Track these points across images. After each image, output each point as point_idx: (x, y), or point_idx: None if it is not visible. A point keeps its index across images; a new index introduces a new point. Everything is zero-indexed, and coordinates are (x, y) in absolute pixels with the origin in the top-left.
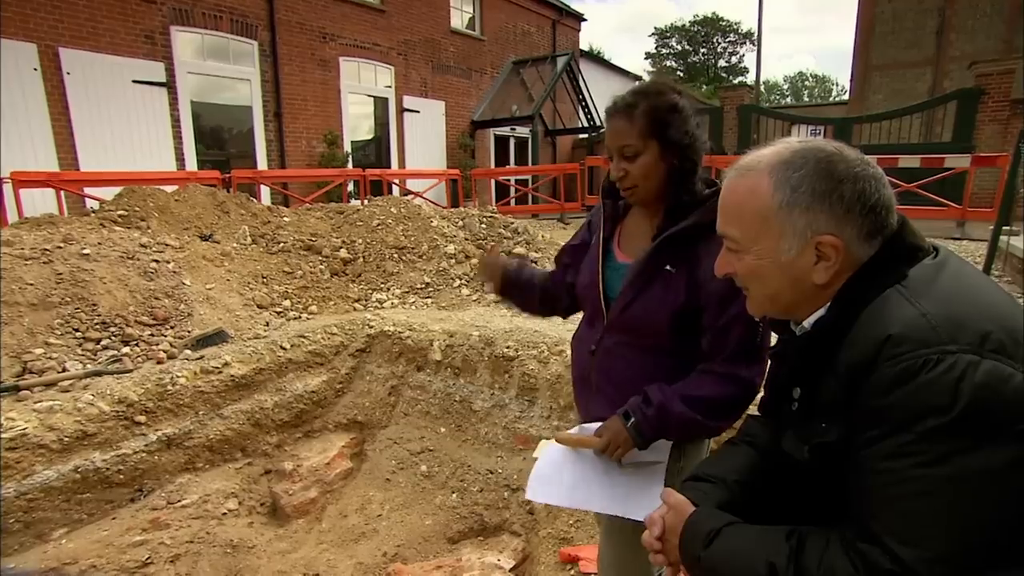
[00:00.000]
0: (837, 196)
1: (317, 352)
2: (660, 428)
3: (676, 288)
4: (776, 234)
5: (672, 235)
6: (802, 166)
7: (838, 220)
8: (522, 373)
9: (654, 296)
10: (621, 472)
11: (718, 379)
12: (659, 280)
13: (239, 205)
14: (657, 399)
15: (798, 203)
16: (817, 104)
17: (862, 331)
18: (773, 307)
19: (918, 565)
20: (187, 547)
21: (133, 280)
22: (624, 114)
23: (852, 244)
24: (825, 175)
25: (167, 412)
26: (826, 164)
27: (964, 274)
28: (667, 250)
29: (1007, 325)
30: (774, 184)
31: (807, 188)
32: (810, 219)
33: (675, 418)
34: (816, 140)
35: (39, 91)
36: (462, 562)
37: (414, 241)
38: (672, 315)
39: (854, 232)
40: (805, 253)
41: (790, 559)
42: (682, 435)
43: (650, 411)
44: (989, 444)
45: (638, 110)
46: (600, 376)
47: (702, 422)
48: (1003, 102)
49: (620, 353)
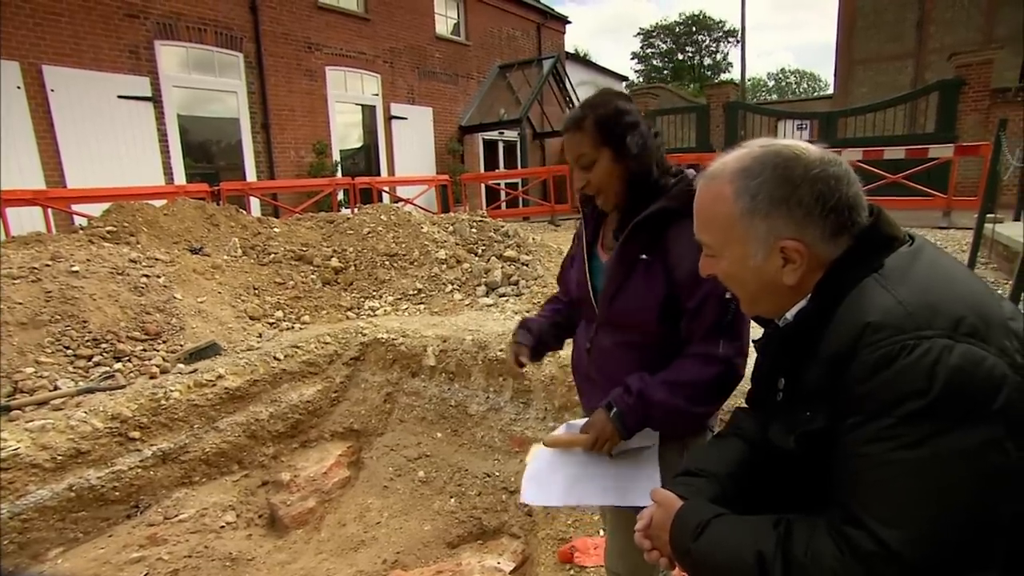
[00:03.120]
0: (795, 200)
1: (311, 362)
2: (643, 416)
3: (656, 277)
4: (742, 240)
5: (640, 222)
6: (760, 173)
7: (798, 223)
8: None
9: (638, 287)
10: (612, 463)
11: (695, 361)
12: (638, 270)
13: (229, 217)
14: (636, 387)
15: (758, 210)
16: (802, 99)
17: (842, 320)
18: (758, 308)
19: (900, 545)
20: (185, 562)
21: (124, 296)
22: (575, 127)
23: (815, 245)
24: (782, 181)
25: (161, 427)
26: (783, 170)
27: (938, 262)
28: (638, 238)
29: (980, 310)
30: (735, 192)
31: (765, 195)
32: (770, 224)
33: (656, 404)
34: (777, 143)
35: (23, 109)
36: (462, 566)
37: (405, 248)
38: (658, 305)
39: (816, 233)
40: (771, 258)
41: (778, 546)
42: (666, 422)
43: (631, 400)
44: (965, 425)
45: (587, 122)
46: (598, 372)
47: (684, 407)
48: (983, 92)
49: (613, 349)
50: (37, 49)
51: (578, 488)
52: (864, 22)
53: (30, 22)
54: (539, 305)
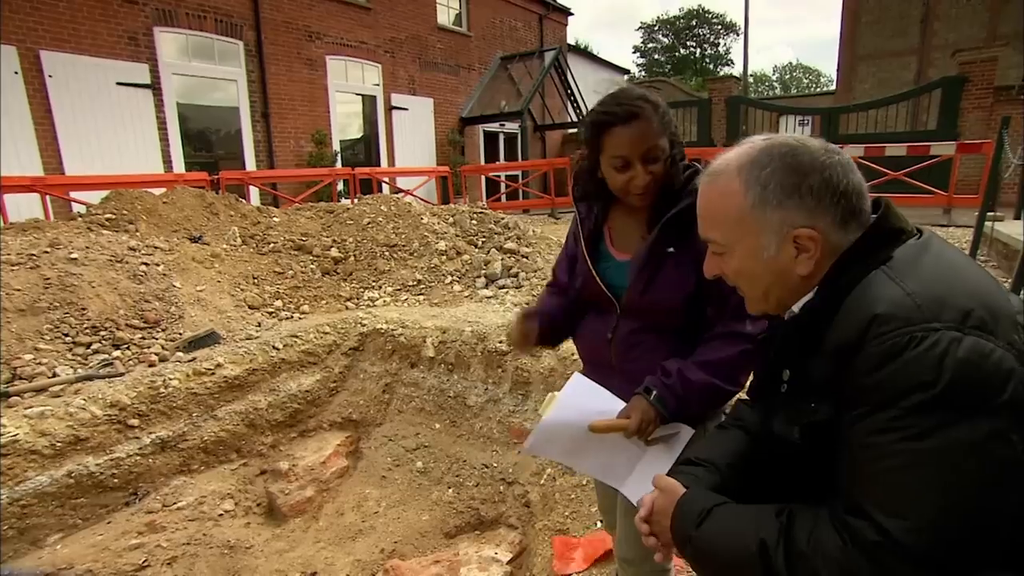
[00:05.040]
0: (806, 188)
1: (310, 351)
2: (683, 396)
3: (686, 269)
4: (754, 233)
5: (672, 217)
6: (768, 163)
7: (810, 211)
8: (515, 367)
9: (668, 280)
10: (636, 447)
11: (723, 340)
12: (667, 264)
13: (228, 206)
14: (674, 368)
15: (769, 201)
16: (804, 95)
17: (849, 311)
18: (767, 304)
19: (903, 535)
20: (184, 549)
21: (123, 284)
22: (642, 118)
23: (829, 232)
24: (791, 169)
25: (160, 415)
26: (791, 159)
27: (946, 255)
28: (668, 233)
29: (987, 302)
30: (744, 185)
31: (775, 185)
32: (783, 214)
33: (695, 383)
34: (779, 136)
35: (21, 94)
36: (459, 556)
37: (405, 239)
38: (686, 297)
39: (828, 220)
40: (785, 248)
41: (780, 535)
42: (703, 401)
43: (670, 380)
44: (971, 417)
45: (657, 112)
46: (621, 360)
47: (720, 385)
48: (986, 89)
49: (638, 337)
50: (35, 34)
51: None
52: (868, 17)
53: (27, 6)
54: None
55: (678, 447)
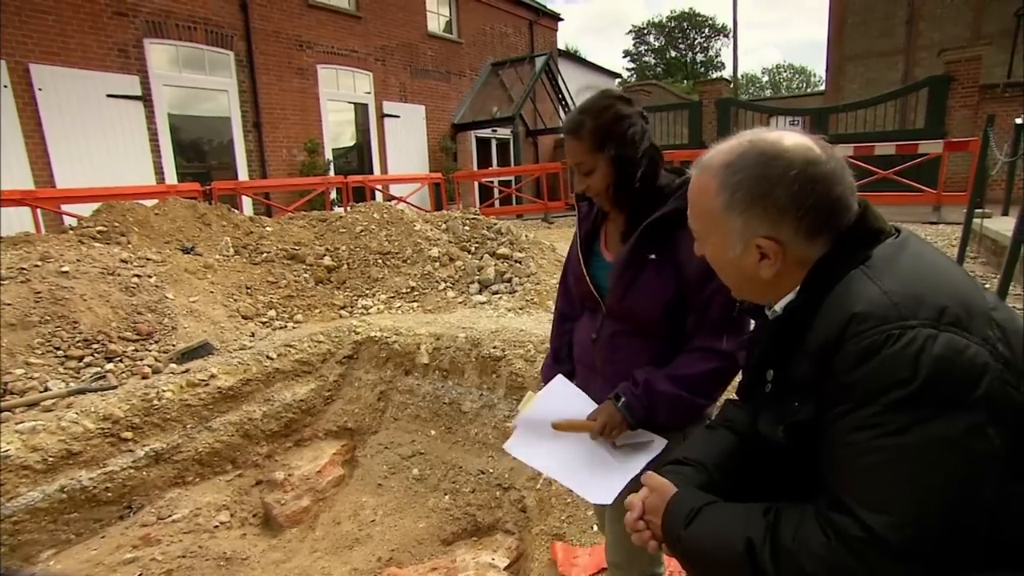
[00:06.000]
0: (771, 200)
1: (304, 360)
2: (648, 406)
3: (666, 276)
4: (724, 232)
5: (652, 222)
6: (741, 168)
7: (772, 222)
8: (510, 372)
9: (647, 286)
10: (608, 451)
11: (699, 355)
12: (648, 269)
13: (220, 217)
14: (642, 379)
15: (736, 206)
16: (794, 95)
17: (829, 311)
18: (743, 295)
19: (886, 531)
20: (179, 562)
21: (115, 296)
22: (573, 134)
23: (791, 244)
24: (761, 179)
25: (154, 427)
26: (762, 168)
27: (923, 253)
28: (648, 238)
29: (963, 300)
30: (718, 186)
31: (743, 192)
32: (746, 221)
33: (661, 395)
34: (766, 136)
35: (10, 108)
36: (457, 563)
37: (398, 246)
38: (665, 304)
39: (791, 232)
40: (748, 252)
41: (767, 532)
42: (672, 414)
43: (637, 390)
44: (948, 413)
45: (584, 129)
46: (603, 361)
47: (688, 398)
48: (972, 88)
49: (619, 339)
50: (24, 48)
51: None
52: (855, 18)
53: (16, 19)
54: (532, 303)
55: (645, 457)
